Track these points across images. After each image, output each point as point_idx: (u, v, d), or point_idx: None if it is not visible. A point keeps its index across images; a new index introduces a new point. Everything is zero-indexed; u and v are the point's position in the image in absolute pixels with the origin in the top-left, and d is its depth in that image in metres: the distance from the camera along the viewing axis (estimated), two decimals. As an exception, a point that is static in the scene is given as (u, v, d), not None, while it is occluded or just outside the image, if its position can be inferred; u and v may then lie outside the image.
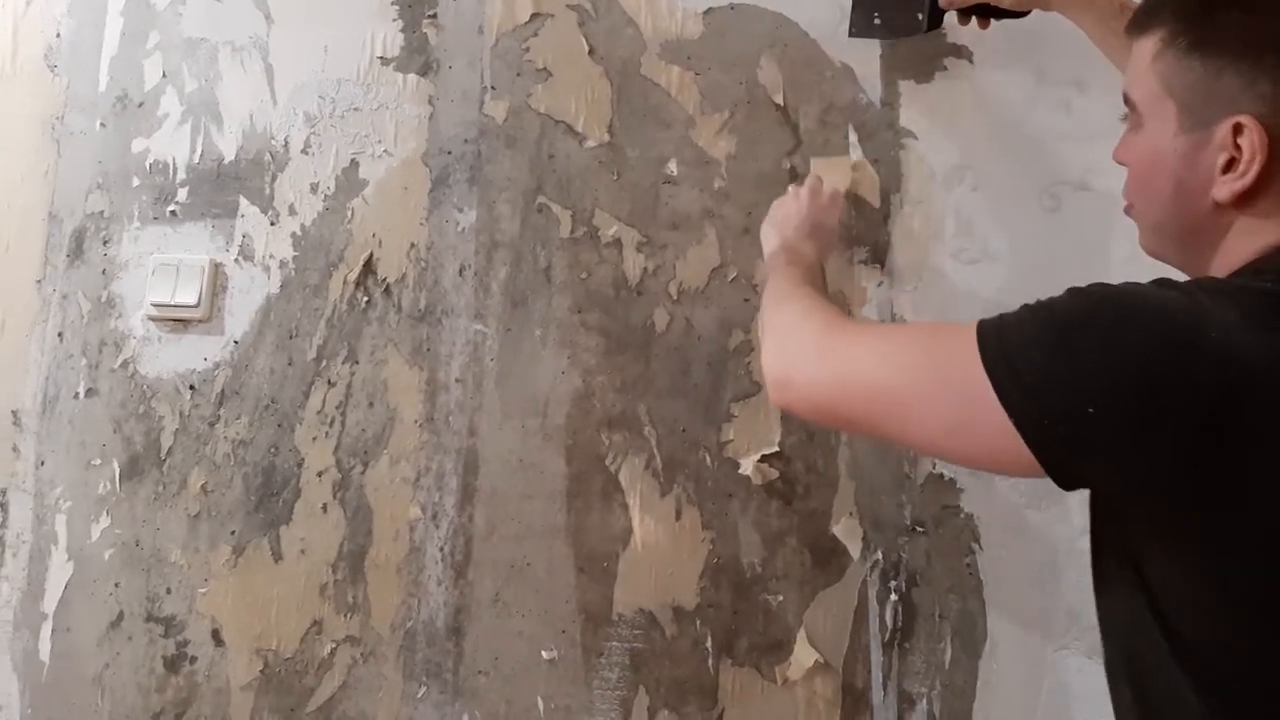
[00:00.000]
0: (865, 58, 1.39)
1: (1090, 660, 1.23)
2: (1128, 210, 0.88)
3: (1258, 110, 0.74)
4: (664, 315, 1.40)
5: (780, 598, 1.32)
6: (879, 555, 1.32)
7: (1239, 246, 0.77)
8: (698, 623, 1.33)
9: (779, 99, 1.40)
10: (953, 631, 1.29)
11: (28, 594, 1.47)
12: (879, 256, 1.37)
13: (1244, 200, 0.76)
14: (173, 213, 1.57)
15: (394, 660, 1.38)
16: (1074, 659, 1.24)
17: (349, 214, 1.51)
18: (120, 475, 1.49)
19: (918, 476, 1.32)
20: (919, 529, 1.31)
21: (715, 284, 1.40)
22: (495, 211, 1.47)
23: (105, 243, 1.59)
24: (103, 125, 1.62)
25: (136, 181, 1.59)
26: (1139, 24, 0.84)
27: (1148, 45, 0.81)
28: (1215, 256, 0.79)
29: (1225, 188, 0.76)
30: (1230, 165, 0.76)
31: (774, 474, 1.35)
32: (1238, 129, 0.74)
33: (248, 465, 1.46)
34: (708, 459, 1.37)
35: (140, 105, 1.62)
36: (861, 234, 1.37)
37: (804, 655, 1.30)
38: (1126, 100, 0.85)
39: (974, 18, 1.25)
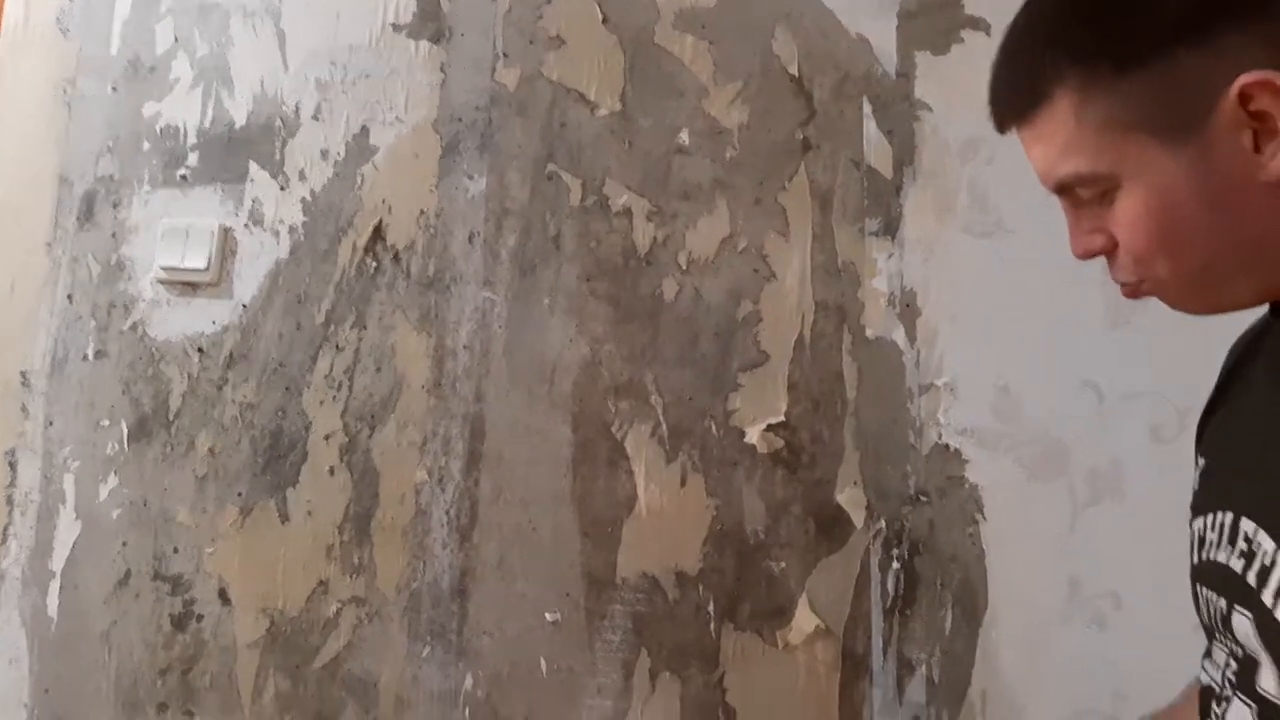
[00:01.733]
0: (881, 29, 1.39)
1: (1089, 630, 1.24)
2: (1136, 291, 0.70)
3: (1250, 65, 0.60)
4: (673, 285, 1.41)
5: (783, 565, 1.33)
6: (882, 524, 1.33)
7: None
8: (700, 588, 1.34)
9: (794, 70, 1.40)
10: (954, 599, 1.30)
11: (36, 552, 1.48)
12: (890, 229, 1.37)
13: None
14: (183, 177, 1.57)
15: (399, 620, 1.39)
16: (1075, 629, 1.25)
17: (359, 180, 1.51)
18: (128, 436, 1.50)
19: (923, 447, 1.33)
20: (923, 498, 1.32)
21: (725, 254, 1.40)
22: (505, 179, 1.47)
23: (115, 206, 1.59)
24: (114, 89, 1.63)
25: (147, 146, 1.60)
26: (1021, 105, 0.69)
27: (1057, 111, 0.66)
28: None
29: (1278, 162, 0.60)
30: (1260, 137, 0.61)
31: (779, 443, 1.35)
32: (1244, 98, 0.60)
33: (255, 428, 1.47)
34: (714, 428, 1.37)
35: (152, 70, 1.62)
36: (873, 206, 1.38)
37: (805, 621, 1.31)
38: (1065, 189, 0.68)
39: None
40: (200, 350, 1.51)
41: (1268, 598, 0.60)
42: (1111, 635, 1.23)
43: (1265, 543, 0.61)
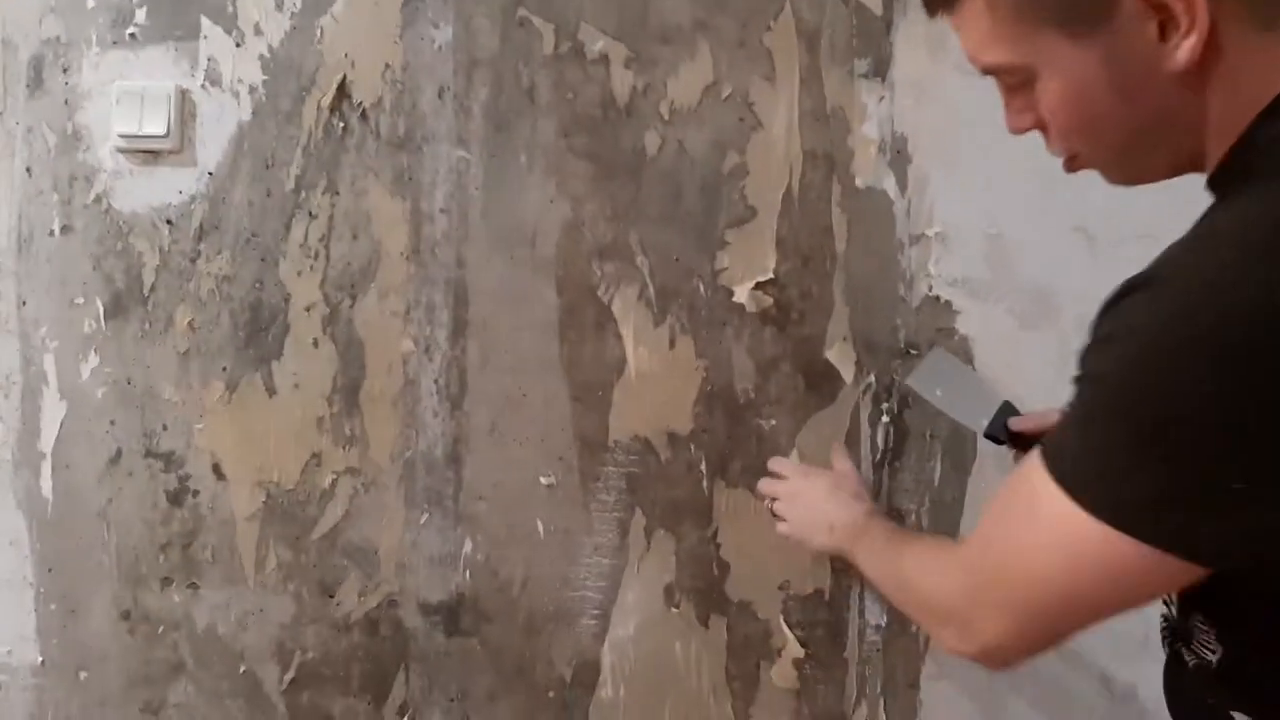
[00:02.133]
0: None
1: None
2: (1071, 165, 0.77)
3: None
4: (655, 138, 1.35)
5: (773, 422, 1.34)
6: (872, 378, 1.33)
7: (1235, 100, 0.66)
8: (692, 447, 1.35)
9: (775, -104, 1.30)
10: (943, 450, 1.32)
11: (24, 433, 1.47)
12: (880, 70, 1.31)
13: (1208, 52, 0.64)
14: (132, 35, 1.48)
15: (395, 489, 1.40)
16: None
17: (318, 33, 1.42)
18: (105, 314, 1.47)
19: (913, 299, 1.32)
20: (913, 351, 1.32)
21: (709, 103, 1.34)
22: (473, 26, 1.38)
23: (65, 70, 1.50)
24: (47, -60, 1.51)
25: (92, 3, 1.50)
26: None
27: (974, 4, 0.71)
28: (1208, 130, 0.68)
29: (1182, 52, 0.64)
30: (1165, 28, 0.64)
31: (768, 300, 1.34)
32: None
33: (234, 301, 1.44)
34: (701, 287, 1.35)
35: (86, -83, 1.50)
36: (862, 45, 1.31)
37: (796, 476, 1.32)
38: (991, 72, 0.75)
39: None
40: (169, 222, 1.46)
41: None
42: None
43: None
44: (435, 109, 1.40)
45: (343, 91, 1.42)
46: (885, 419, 1.32)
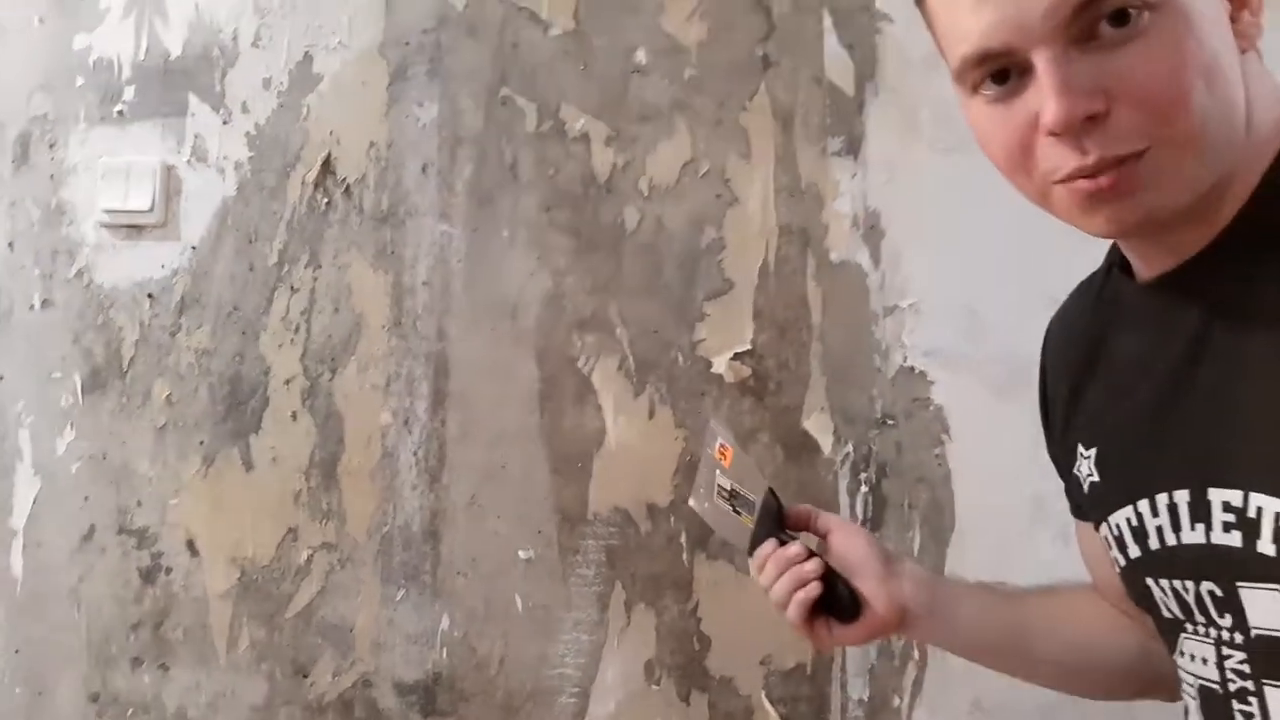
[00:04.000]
0: (841, -64, 1.33)
1: (1054, 544, 1.24)
2: (1132, 173, 0.57)
3: None
4: (634, 213, 1.37)
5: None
6: (849, 448, 1.33)
7: (1268, 104, 0.61)
8: (672, 519, 1.34)
9: (751, -19, 1.34)
10: (922, 520, 1.32)
11: (-4, 510, 1.46)
12: (853, 148, 1.34)
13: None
14: (120, 113, 1.50)
15: (371, 564, 1.38)
16: (1040, 545, 1.24)
17: (304, 111, 1.45)
18: (82, 388, 1.46)
19: (889, 370, 1.33)
20: (889, 421, 1.32)
21: (687, 179, 1.36)
22: (458, 105, 1.41)
23: (51, 146, 1.52)
24: (41, 21, 1.54)
25: (80, 81, 1.52)
26: None
27: None
28: (1251, 121, 0.60)
29: (1251, 28, 0.60)
30: (1238, 6, 0.59)
31: (746, 371, 1.34)
32: None
33: (213, 375, 1.44)
34: (680, 359, 1.36)
35: (79, -2, 1.53)
36: (835, 124, 1.33)
37: (777, 548, 1.31)
38: (1084, 9, 0.56)
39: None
40: (150, 296, 1.47)
41: None
42: (1076, 551, 1.24)
43: (1268, 504, 0.55)
44: (419, 184, 1.42)
45: (327, 167, 1.44)
46: (864, 489, 1.32)
